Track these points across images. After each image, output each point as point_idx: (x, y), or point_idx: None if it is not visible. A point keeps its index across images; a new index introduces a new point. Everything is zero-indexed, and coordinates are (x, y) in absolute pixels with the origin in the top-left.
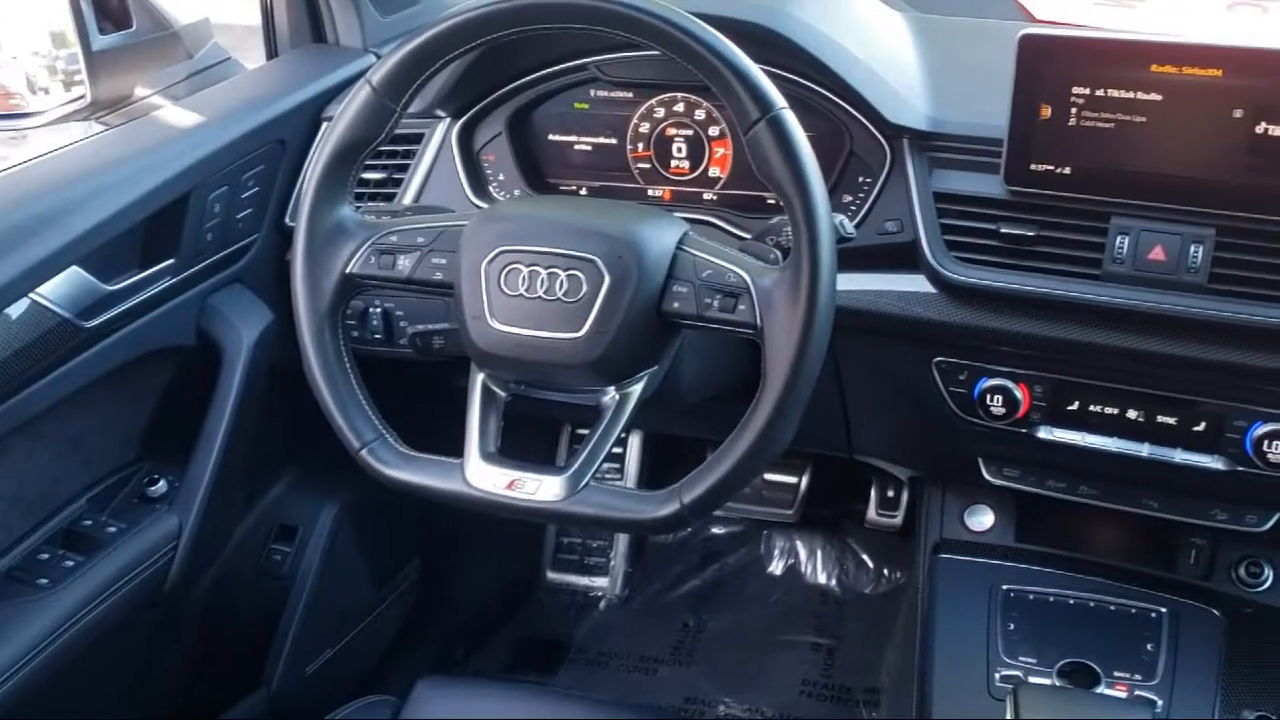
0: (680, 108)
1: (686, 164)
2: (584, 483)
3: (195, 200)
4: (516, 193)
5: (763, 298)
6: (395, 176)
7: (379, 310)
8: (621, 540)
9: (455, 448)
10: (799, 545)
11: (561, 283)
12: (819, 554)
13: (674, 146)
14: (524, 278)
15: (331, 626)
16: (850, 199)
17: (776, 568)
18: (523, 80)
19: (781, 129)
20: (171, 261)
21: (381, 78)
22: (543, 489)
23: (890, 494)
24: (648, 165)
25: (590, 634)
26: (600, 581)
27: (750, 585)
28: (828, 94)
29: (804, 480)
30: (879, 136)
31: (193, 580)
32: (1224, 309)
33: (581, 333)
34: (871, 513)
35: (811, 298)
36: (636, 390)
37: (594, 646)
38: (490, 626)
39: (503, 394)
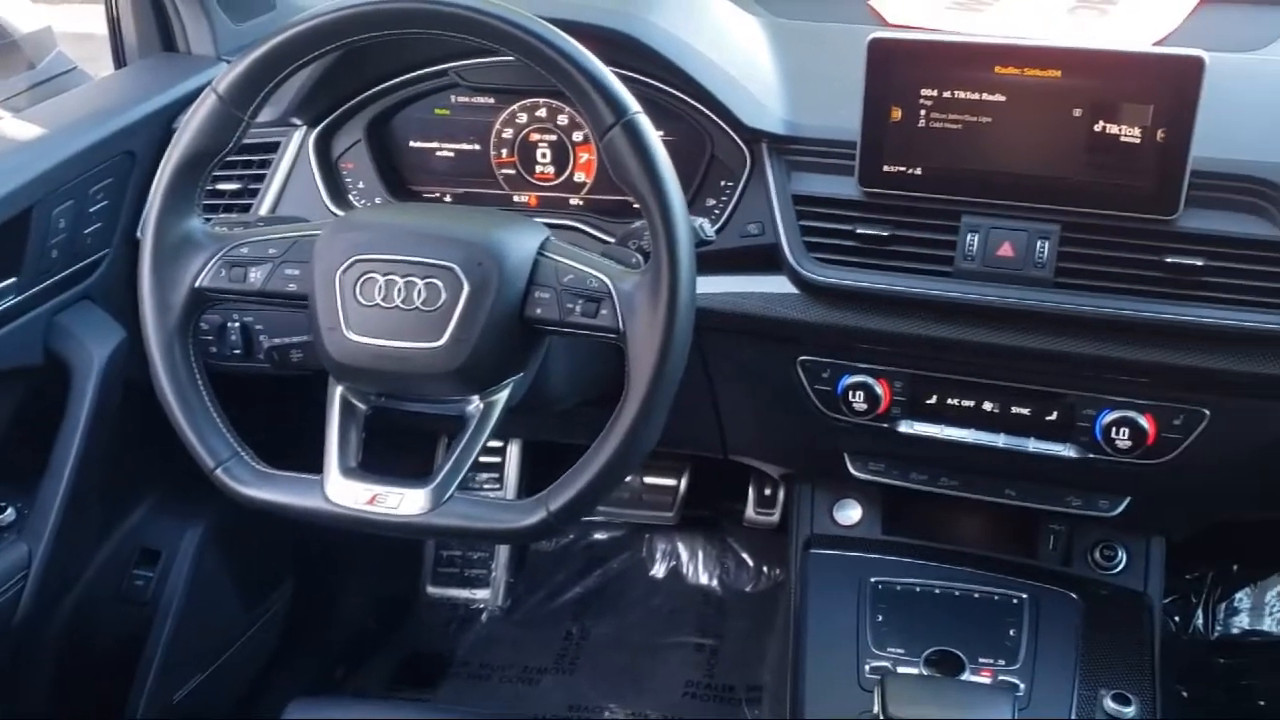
0: (543, 113)
1: (551, 169)
2: (448, 495)
3: (38, 215)
4: (378, 201)
5: (624, 301)
6: (251, 187)
7: (237, 325)
8: (502, 551)
9: (319, 464)
10: (680, 547)
11: (419, 291)
12: (700, 554)
13: (538, 152)
14: (380, 287)
15: (200, 652)
16: (713, 202)
17: (659, 570)
18: (381, 86)
19: (636, 133)
20: (14, 280)
21: (228, 86)
22: (405, 503)
23: (767, 492)
24: (512, 171)
25: (472, 647)
26: (482, 594)
27: (633, 589)
28: (686, 99)
29: (683, 482)
30: (738, 141)
31: (47, 610)
32: (1070, 302)
33: (441, 342)
34: (750, 511)
35: (671, 301)
36: (502, 398)
37: (476, 659)
38: (369, 645)
39: (363, 407)
